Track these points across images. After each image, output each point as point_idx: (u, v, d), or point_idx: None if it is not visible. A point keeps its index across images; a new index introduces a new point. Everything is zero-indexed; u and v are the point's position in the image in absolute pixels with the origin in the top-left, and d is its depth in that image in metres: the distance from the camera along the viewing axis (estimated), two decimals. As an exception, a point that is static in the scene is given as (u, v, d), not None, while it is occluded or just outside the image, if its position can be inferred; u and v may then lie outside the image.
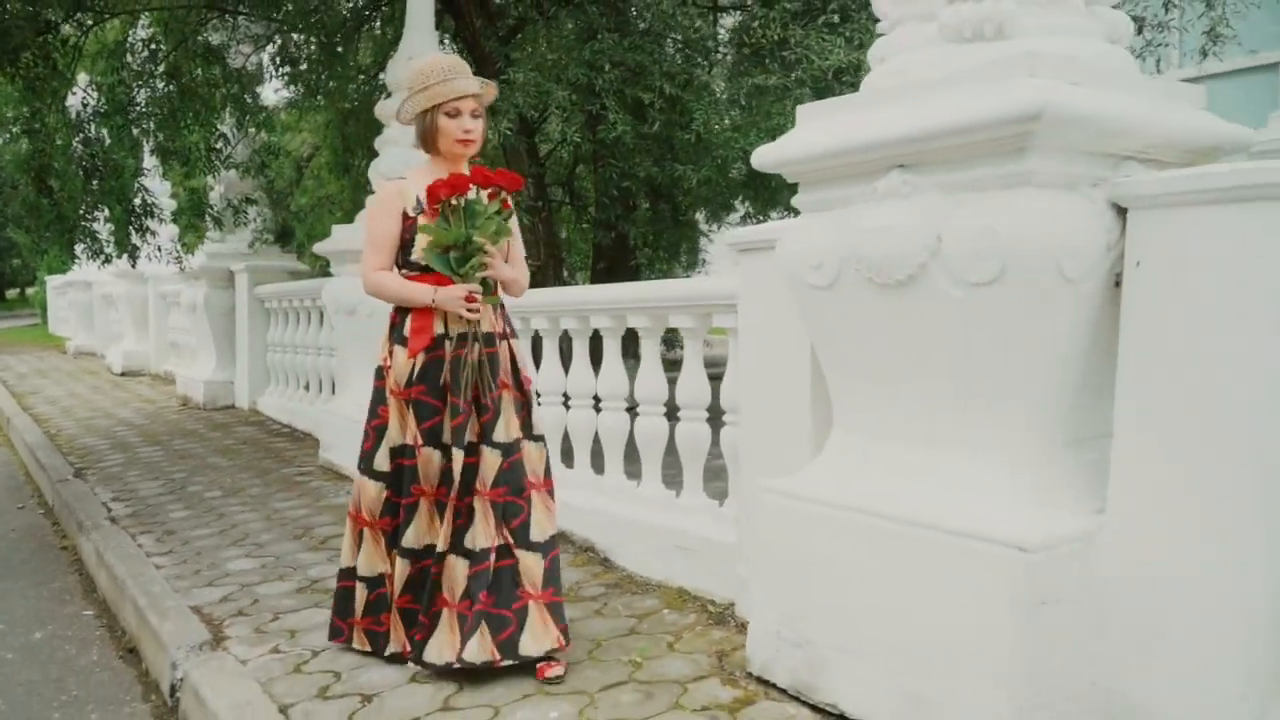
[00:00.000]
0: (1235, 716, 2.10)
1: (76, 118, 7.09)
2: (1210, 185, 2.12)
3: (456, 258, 2.90)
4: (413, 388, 2.98)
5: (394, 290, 3.03)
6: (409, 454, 3.02)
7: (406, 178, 3.14)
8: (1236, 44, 6.58)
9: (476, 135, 3.05)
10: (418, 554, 3.02)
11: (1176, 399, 2.19)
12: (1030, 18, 2.47)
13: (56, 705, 3.27)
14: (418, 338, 2.98)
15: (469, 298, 2.91)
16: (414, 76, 3.06)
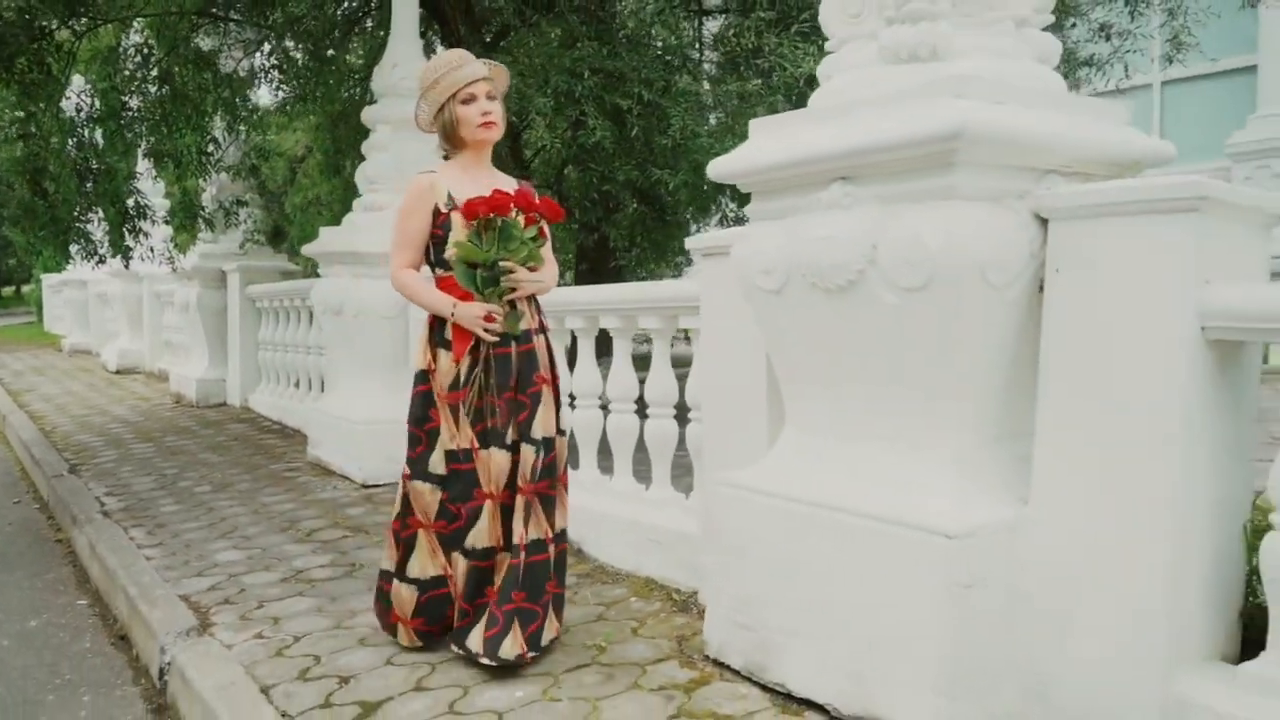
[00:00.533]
0: (1143, 689, 2.26)
1: (71, 121, 7.24)
2: (1121, 198, 2.29)
3: (484, 277, 2.88)
4: (461, 390, 2.97)
5: (419, 296, 3.05)
6: (464, 458, 3.00)
7: (436, 171, 3.12)
8: (1199, 51, 6.75)
9: (496, 116, 3.03)
10: (481, 555, 3.03)
11: (1090, 397, 2.35)
12: (964, 40, 2.63)
13: (51, 688, 3.43)
14: (461, 340, 2.96)
15: (488, 317, 2.90)
16: (423, 77, 3.06)
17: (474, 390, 2.95)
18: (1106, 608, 2.33)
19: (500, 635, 2.91)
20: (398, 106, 6.00)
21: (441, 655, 3.17)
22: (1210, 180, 2.21)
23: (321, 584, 3.96)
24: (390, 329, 5.79)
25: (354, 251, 5.82)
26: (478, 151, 3.08)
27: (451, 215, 2.95)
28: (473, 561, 3.02)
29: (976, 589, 2.41)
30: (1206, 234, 2.20)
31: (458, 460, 3.01)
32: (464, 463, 3.00)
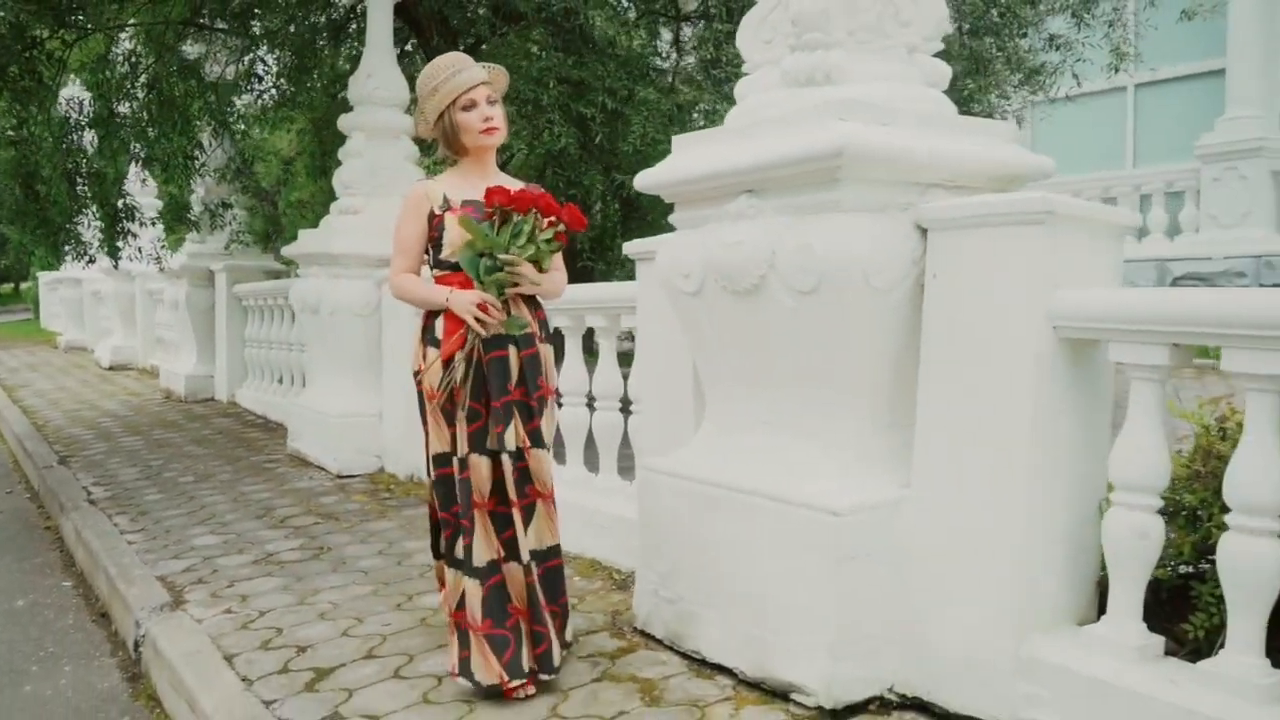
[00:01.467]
0: (1002, 648, 2.52)
1: (62, 126, 7.49)
2: (981, 211, 2.56)
3: (486, 265, 2.80)
4: (455, 389, 2.85)
5: (415, 294, 2.97)
6: (447, 463, 2.91)
7: (433, 180, 3.11)
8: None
9: (498, 121, 2.97)
10: (485, 572, 2.85)
11: (959, 390, 2.62)
12: (858, 66, 2.90)
13: (35, 660, 3.69)
14: (450, 339, 2.86)
15: (482, 306, 2.79)
16: (421, 84, 2.99)
17: (466, 391, 2.84)
18: (971, 578, 2.59)
19: (551, 647, 2.87)
20: (372, 115, 6.27)
21: (393, 624, 3.45)
22: (1056, 196, 2.48)
23: (290, 565, 4.23)
24: (364, 327, 6.06)
25: (329, 253, 6.09)
26: (479, 157, 3.02)
27: (445, 217, 2.90)
28: (479, 580, 2.84)
29: (861, 562, 2.68)
30: (1054, 243, 2.47)
31: (445, 465, 2.91)
32: (459, 469, 2.87)
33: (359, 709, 2.81)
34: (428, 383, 2.91)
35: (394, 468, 5.94)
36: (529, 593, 2.87)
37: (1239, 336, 2.16)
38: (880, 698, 2.73)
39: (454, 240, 2.87)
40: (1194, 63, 12.49)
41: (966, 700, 2.59)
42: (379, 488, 5.69)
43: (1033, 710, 2.46)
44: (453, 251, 2.88)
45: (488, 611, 2.82)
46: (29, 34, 6.72)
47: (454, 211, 2.90)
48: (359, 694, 2.91)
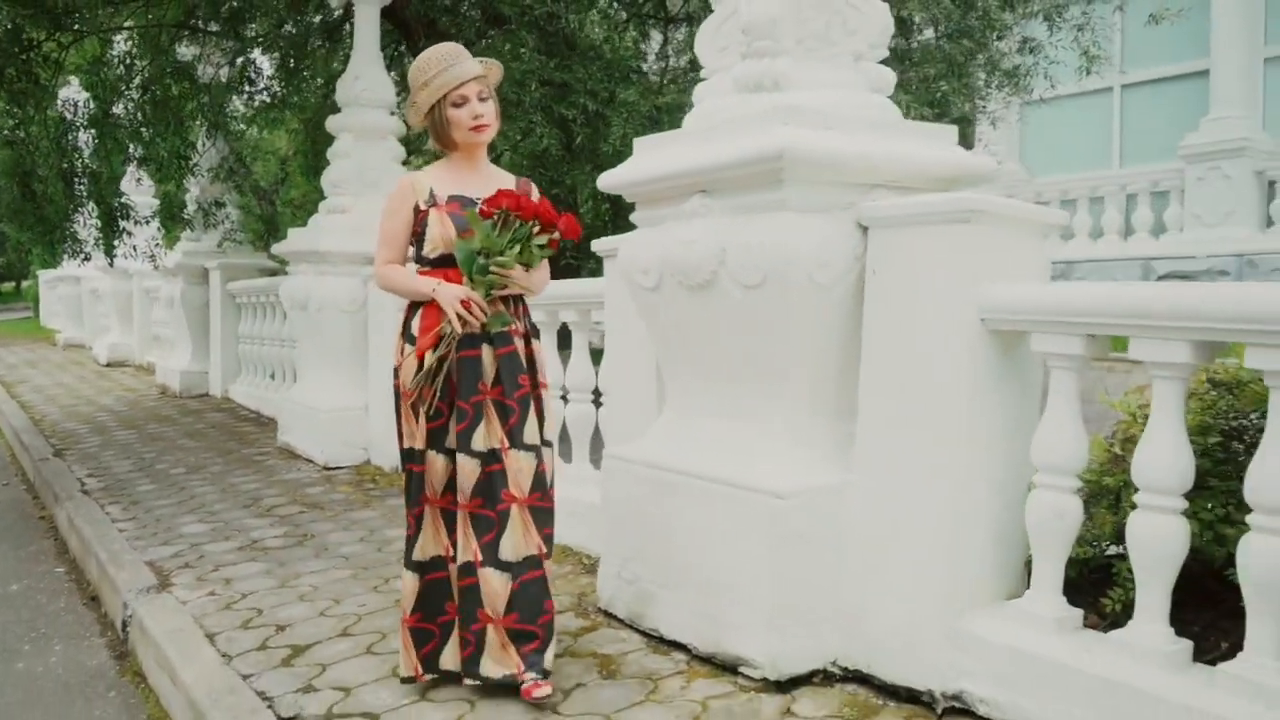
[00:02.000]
0: (935, 623, 2.67)
1: (58, 127, 7.65)
2: (914, 211, 2.71)
3: (480, 264, 2.80)
4: (423, 387, 2.84)
5: (400, 283, 2.95)
6: (418, 459, 2.87)
7: (422, 171, 3.08)
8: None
9: (489, 119, 2.93)
10: (425, 567, 2.87)
11: (897, 381, 2.77)
12: (805, 73, 3.04)
13: (27, 640, 3.85)
14: (425, 336, 2.85)
15: (465, 303, 2.78)
16: (413, 75, 2.97)
17: (435, 389, 2.82)
18: (906, 558, 2.74)
19: (541, 649, 2.82)
20: (359, 116, 6.43)
21: (368, 604, 3.61)
22: (983, 196, 2.64)
23: (274, 551, 4.38)
24: (350, 322, 6.22)
25: (317, 250, 6.24)
26: (469, 152, 3.00)
27: (430, 212, 2.88)
28: (419, 576, 2.87)
29: (803, 542, 2.83)
30: (982, 240, 2.62)
31: (411, 460, 2.89)
32: (417, 464, 2.87)
33: (331, 681, 2.97)
34: (402, 379, 2.89)
35: (379, 460, 6.10)
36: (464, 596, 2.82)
37: (1143, 327, 2.31)
38: (823, 670, 2.88)
39: (436, 237, 2.87)
40: (1178, 64, 12.63)
41: (902, 672, 2.74)
42: (364, 479, 5.85)
43: (962, 680, 2.61)
44: (434, 248, 2.88)
45: (419, 605, 2.85)
46: (26, 37, 6.87)
47: (439, 208, 2.88)
48: (332, 668, 3.07)
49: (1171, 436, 2.32)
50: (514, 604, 2.79)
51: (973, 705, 2.59)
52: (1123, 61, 13.06)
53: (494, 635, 2.79)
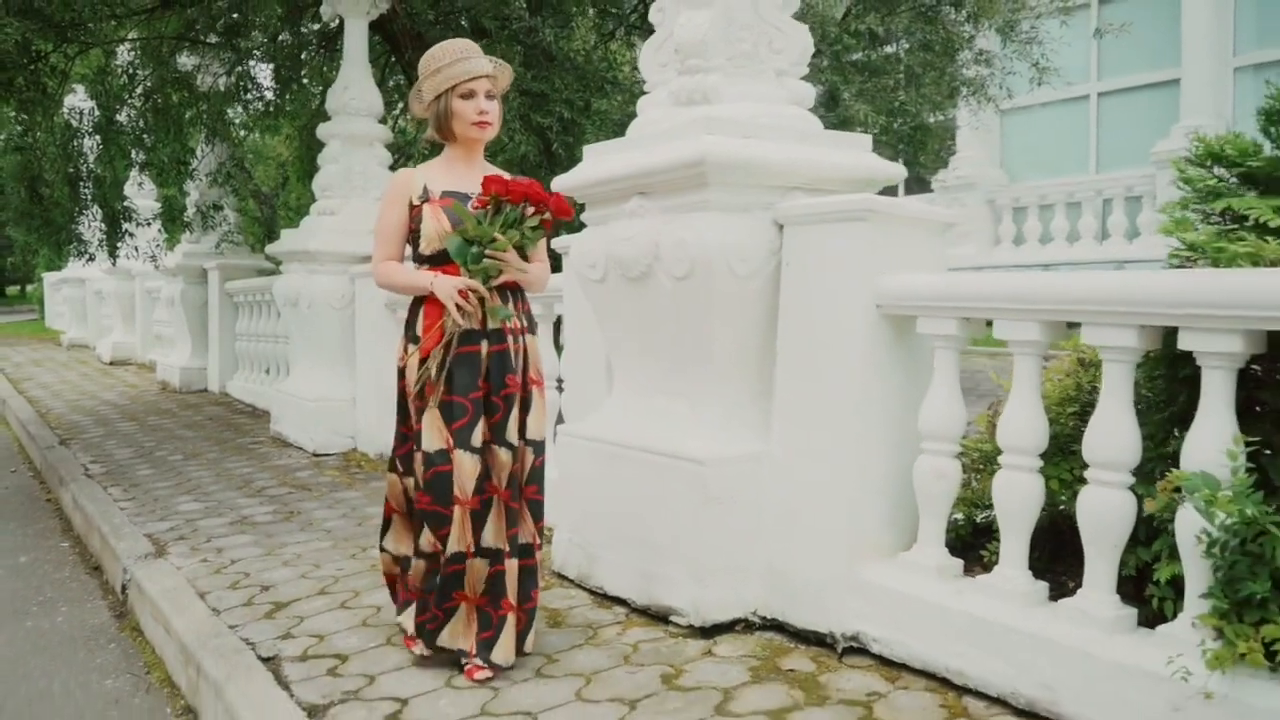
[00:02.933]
0: (837, 574, 3.02)
1: (64, 133, 8.03)
2: (819, 210, 3.07)
3: (474, 253, 2.78)
4: (428, 386, 2.84)
5: (398, 279, 2.95)
6: (440, 460, 2.82)
7: (419, 168, 3.07)
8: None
9: (493, 117, 2.94)
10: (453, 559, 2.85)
11: (805, 361, 3.12)
12: (732, 88, 3.40)
13: (35, 603, 4.20)
14: (430, 335, 2.84)
15: (462, 292, 2.77)
16: (424, 63, 2.96)
17: (439, 387, 2.82)
18: (815, 518, 3.09)
19: (524, 634, 2.95)
20: (348, 124, 6.80)
21: (346, 569, 3.96)
22: (877, 197, 3.00)
23: (262, 526, 4.74)
24: (338, 318, 6.58)
25: (308, 250, 6.61)
26: (467, 147, 3.00)
27: (424, 208, 2.89)
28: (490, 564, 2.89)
29: (724, 504, 3.18)
30: (877, 237, 2.97)
31: (435, 463, 2.83)
32: (441, 464, 2.82)
33: (307, 630, 3.32)
34: (408, 380, 2.88)
35: (366, 447, 6.45)
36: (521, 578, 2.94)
37: (1002, 310, 2.67)
38: (744, 619, 3.23)
39: (430, 233, 2.86)
40: (1151, 73, 12.99)
41: (811, 618, 3.09)
42: (350, 464, 6.21)
43: (859, 623, 2.96)
44: (429, 244, 2.87)
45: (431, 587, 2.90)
46: (34, 48, 7.24)
47: (432, 203, 2.88)
48: (309, 619, 3.42)
49: (1027, 404, 2.67)
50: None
51: (867, 644, 2.95)
52: (1099, 71, 13.44)
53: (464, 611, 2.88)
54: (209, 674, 2.99)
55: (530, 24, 6.64)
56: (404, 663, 3.00)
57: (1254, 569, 2.15)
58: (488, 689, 2.79)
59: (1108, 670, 2.37)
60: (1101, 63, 13.72)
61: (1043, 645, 2.51)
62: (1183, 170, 2.74)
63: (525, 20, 6.64)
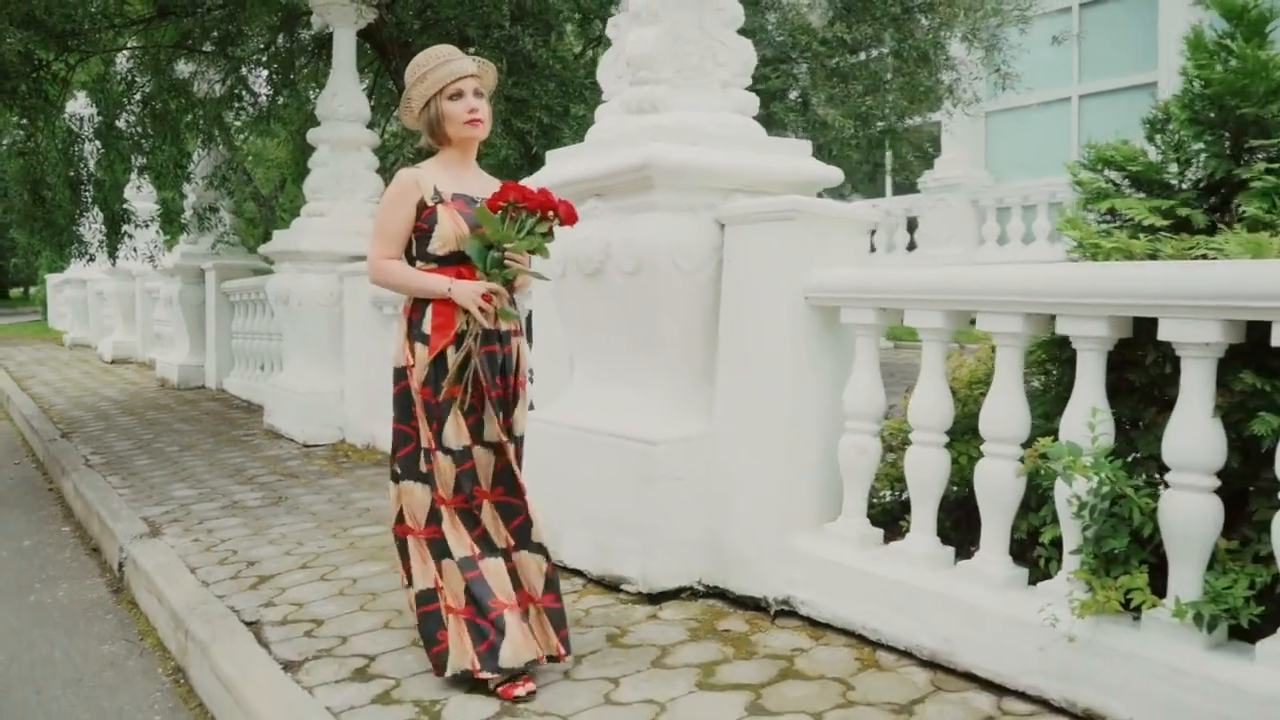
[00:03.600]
0: (772, 544, 3.29)
1: (66, 138, 8.32)
2: (753, 210, 3.34)
3: (494, 258, 2.81)
4: (455, 386, 2.81)
5: (402, 279, 2.90)
6: (462, 457, 2.83)
7: (421, 168, 3.03)
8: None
9: (483, 115, 2.93)
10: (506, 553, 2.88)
11: (744, 348, 3.39)
12: (679, 98, 3.68)
13: (38, 581, 4.48)
14: (440, 334, 2.81)
15: (486, 296, 2.76)
16: (409, 73, 2.97)
17: (465, 386, 2.81)
18: (752, 492, 3.36)
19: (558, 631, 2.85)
20: (337, 129, 7.08)
21: (327, 546, 4.24)
22: (803, 198, 3.27)
23: (252, 509, 5.02)
24: (327, 315, 6.86)
25: (298, 250, 6.89)
26: (462, 149, 3.00)
27: (439, 209, 2.86)
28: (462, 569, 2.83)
29: (672, 481, 3.45)
30: (805, 235, 3.25)
31: (461, 461, 2.83)
32: (463, 461, 2.82)
33: (288, 599, 3.60)
34: (415, 380, 2.83)
35: (353, 439, 6.73)
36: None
37: (911, 301, 2.94)
38: (689, 588, 3.50)
39: (448, 234, 2.84)
40: (1130, 76, 13.26)
41: (748, 585, 3.36)
42: (338, 454, 6.49)
43: (791, 588, 3.24)
44: (444, 245, 2.85)
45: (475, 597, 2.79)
46: (35, 57, 7.53)
47: (447, 205, 2.87)
48: (290, 590, 3.70)
49: (934, 386, 2.94)
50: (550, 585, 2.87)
51: (797, 607, 3.22)
52: (1079, 74, 13.72)
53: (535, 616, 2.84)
54: (196, 636, 3.26)
55: (511, 32, 6.92)
56: (375, 625, 3.28)
57: (1116, 528, 2.42)
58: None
59: (996, 622, 2.64)
60: (1082, 66, 13.99)
61: (944, 603, 2.79)
62: (1076, 174, 3.01)
63: (506, 29, 6.91)
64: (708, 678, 2.80)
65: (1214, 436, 2.30)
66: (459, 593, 2.79)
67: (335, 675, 2.90)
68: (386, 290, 3.51)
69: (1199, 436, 2.30)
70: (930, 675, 2.77)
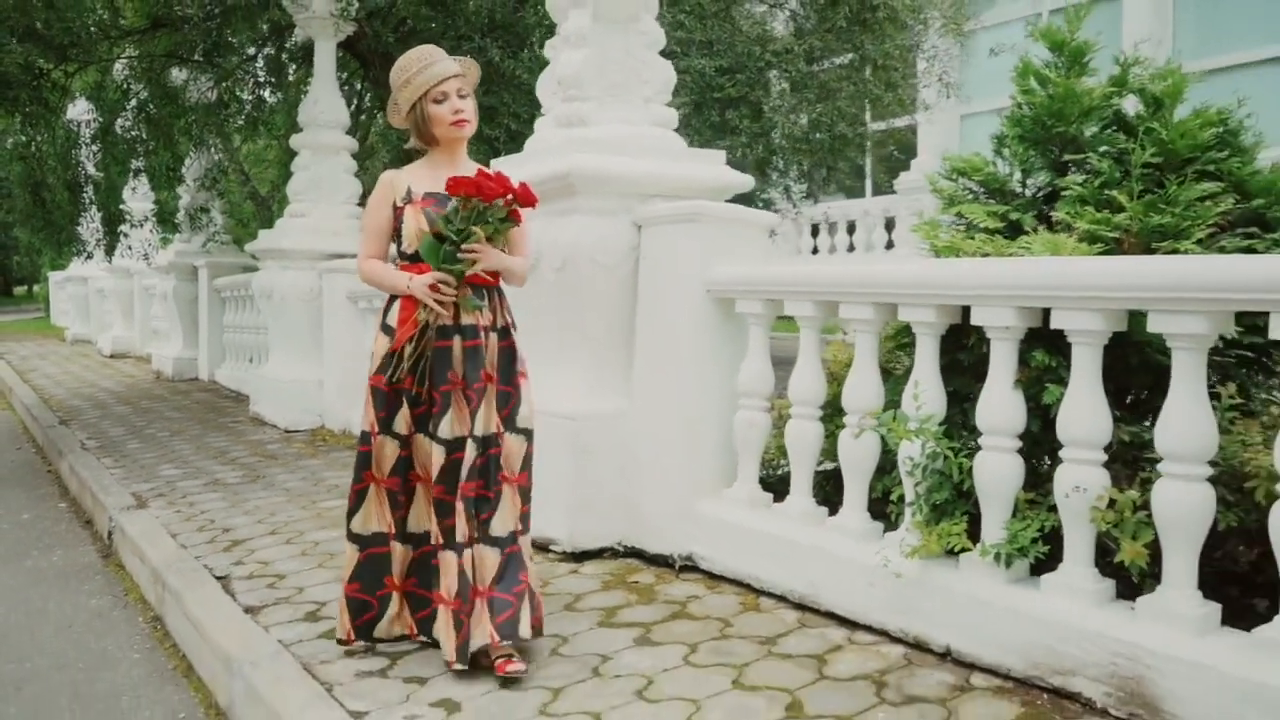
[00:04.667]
0: (679, 506, 3.70)
1: (65, 142, 8.76)
2: (662, 213, 3.76)
3: (447, 251, 2.85)
4: (406, 377, 2.91)
5: (379, 278, 3.02)
6: (367, 440, 2.94)
7: (404, 169, 3.13)
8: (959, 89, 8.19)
9: (469, 115, 2.99)
10: (365, 540, 2.98)
11: (656, 334, 3.81)
12: (604, 113, 4.08)
13: (35, 548, 4.90)
14: (404, 327, 2.92)
15: (433, 286, 2.83)
16: (394, 76, 3.03)
17: (415, 377, 2.90)
18: (662, 462, 3.79)
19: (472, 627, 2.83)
20: (317, 135, 7.51)
21: (296, 516, 4.67)
22: (707, 203, 3.69)
23: (231, 486, 5.44)
24: (306, 309, 7.29)
25: (280, 249, 7.32)
26: (450, 149, 3.06)
27: (406, 209, 2.96)
28: (411, 546, 3.01)
29: (593, 453, 3.87)
30: (708, 235, 3.67)
31: (365, 441, 2.96)
32: (403, 448, 2.94)
33: (256, 559, 4.02)
34: (371, 367, 2.96)
35: (332, 424, 7.16)
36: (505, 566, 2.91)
37: (789, 293, 3.37)
38: (610, 548, 3.92)
39: (411, 234, 2.94)
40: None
41: (658, 544, 3.78)
42: (317, 439, 6.91)
43: (692, 545, 3.66)
44: (410, 244, 2.94)
45: (356, 575, 2.96)
46: (36, 67, 7.95)
47: (414, 204, 2.95)
48: (259, 551, 4.12)
49: (809, 367, 3.37)
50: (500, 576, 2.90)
51: (698, 562, 3.65)
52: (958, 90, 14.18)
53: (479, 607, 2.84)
54: (172, 587, 3.69)
55: (481, 45, 7.33)
56: (329, 579, 3.70)
57: (941, 484, 2.85)
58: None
59: (850, 568, 3.06)
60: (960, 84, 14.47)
61: (813, 554, 3.21)
62: (935, 182, 3.43)
63: (477, 41, 7.33)
64: (609, 618, 3.22)
65: (1014, 405, 2.72)
66: (350, 564, 2.97)
67: (289, 617, 3.33)
68: (364, 286, 3.71)
69: (1002, 405, 2.72)
70: (799, 615, 3.19)
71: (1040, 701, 2.52)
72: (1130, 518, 2.44)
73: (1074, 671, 2.48)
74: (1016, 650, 2.61)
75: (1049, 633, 2.54)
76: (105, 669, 3.37)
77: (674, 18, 7.15)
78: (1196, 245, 2.67)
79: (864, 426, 2.93)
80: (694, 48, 7.36)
